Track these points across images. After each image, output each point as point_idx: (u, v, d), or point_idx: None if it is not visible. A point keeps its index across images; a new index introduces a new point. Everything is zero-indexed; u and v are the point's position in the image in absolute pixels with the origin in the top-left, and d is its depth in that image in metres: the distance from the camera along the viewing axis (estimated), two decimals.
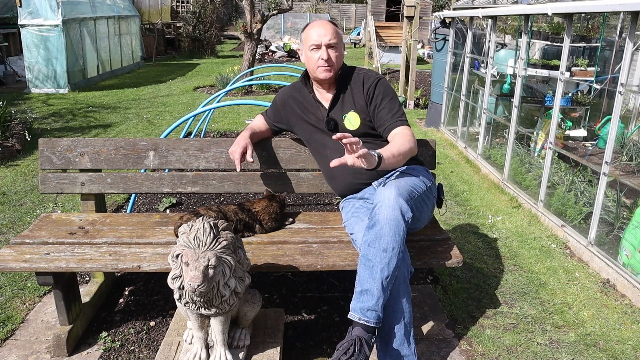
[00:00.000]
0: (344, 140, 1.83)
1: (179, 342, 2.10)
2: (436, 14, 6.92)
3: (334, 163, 1.89)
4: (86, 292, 2.63)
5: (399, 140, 2.17)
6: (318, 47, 2.26)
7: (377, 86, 2.32)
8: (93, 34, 10.43)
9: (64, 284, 2.28)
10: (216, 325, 1.90)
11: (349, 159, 1.89)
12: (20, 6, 8.92)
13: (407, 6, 8.28)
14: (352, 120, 2.33)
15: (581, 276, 3.14)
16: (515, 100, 4.48)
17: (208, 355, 1.97)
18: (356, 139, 1.85)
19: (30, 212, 3.88)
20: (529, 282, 3.05)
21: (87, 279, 2.94)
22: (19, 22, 9.02)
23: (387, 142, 2.25)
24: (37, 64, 9.13)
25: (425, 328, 2.57)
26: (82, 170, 2.63)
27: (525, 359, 2.36)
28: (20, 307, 2.68)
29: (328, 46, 2.26)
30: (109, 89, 9.69)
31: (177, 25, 18.33)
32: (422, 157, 2.59)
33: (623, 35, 5.20)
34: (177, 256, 1.74)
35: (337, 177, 2.41)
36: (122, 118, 7.24)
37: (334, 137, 1.84)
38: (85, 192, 2.64)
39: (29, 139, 5.64)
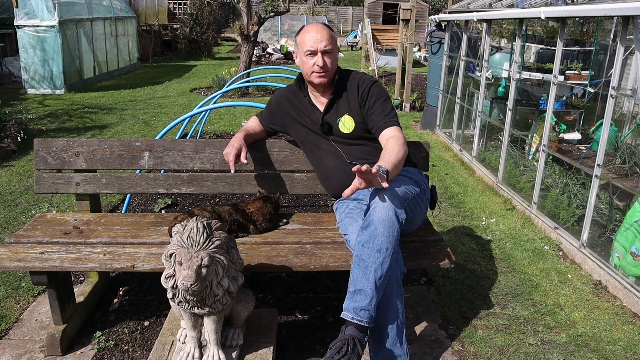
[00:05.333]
0: (357, 172, 1.84)
1: (173, 341, 2.11)
2: (432, 17, 6.95)
3: (346, 193, 1.89)
4: (80, 292, 2.63)
5: (394, 147, 2.14)
6: (313, 53, 2.28)
7: (372, 88, 2.34)
8: (89, 35, 10.43)
9: (58, 283, 2.28)
10: (209, 325, 1.91)
11: (361, 184, 1.88)
12: (17, 7, 8.91)
13: (404, 9, 8.32)
14: (346, 124, 2.35)
15: (573, 278, 3.16)
16: (510, 103, 4.51)
17: (201, 355, 1.98)
18: (365, 167, 1.83)
19: (25, 212, 3.88)
20: (521, 283, 3.07)
21: (82, 278, 2.95)
22: (15, 23, 9.01)
23: (379, 142, 2.27)
24: (33, 64, 9.12)
25: (418, 328, 2.59)
26: (77, 171, 2.64)
27: None
28: (15, 307, 2.68)
29: (323, 52, 2.27)
30: (105, 90, 9.69)
31: (174, 26, 18.32)
32: (416, 158, 2.61)
33: (617, 39, 5.24)
34: (171, 255, 1.75)
35: (332, 178, 2.42)
36: (118, 119, 7.24)
37: (353, 169, 1.83)
38: (80, 192, 2.65)
39: (21, 140, 5.62)
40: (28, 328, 2.52)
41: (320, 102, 2.42)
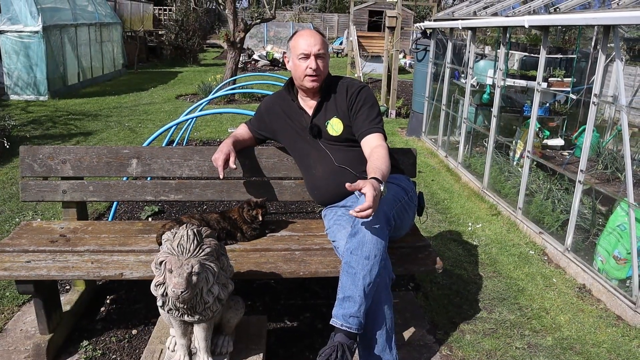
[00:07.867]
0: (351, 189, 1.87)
1: (162, 349, 2.10)
2: (417, 24, 7.02)
3: (354, 214, 1.86)
4: (67, 301, 2.61)
5: (382, 156, 2.16)
6: (307, 56, 2.30)
7: (360, 93, 2.37)
8: (74, 40, 10.35)
9: (45, 292, 2.26)
10: (199, 332, 1.91)
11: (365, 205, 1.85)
12: None
13: (389, 17, 8.39)
14: (334, 127, 2.36)
15: (558, 282, 3.21)
16: (495, 109, 4.57)
17: None
18: (359, 186, 1.86)
19: (9, 221, 3.83)
20: (507, 288, 3.10)
21: (68, 287, 2.92)
22: None
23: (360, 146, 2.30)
24: (16, 70, 9.02)
25: (407, 334, 2.60)
26: (63, 178, 2.62)
27: None
28: None
29: (317, 56, 2.30)
30: (90, 97, 9.61)
31: (160, 33, 18.25)
32: (403, 165, 2.64)
33: (598, 47, 5.34)
34: (161, 263, 1.75)
35: (320, 187, 2.43)
36: (104, 126, 7.19)
37: (346, 185, 1.87)
38: (66, 200, 2.63)
39: (7, 147, 5.56)
40: (13, 338, 2.49)
41: (309, 105, 2.44)
